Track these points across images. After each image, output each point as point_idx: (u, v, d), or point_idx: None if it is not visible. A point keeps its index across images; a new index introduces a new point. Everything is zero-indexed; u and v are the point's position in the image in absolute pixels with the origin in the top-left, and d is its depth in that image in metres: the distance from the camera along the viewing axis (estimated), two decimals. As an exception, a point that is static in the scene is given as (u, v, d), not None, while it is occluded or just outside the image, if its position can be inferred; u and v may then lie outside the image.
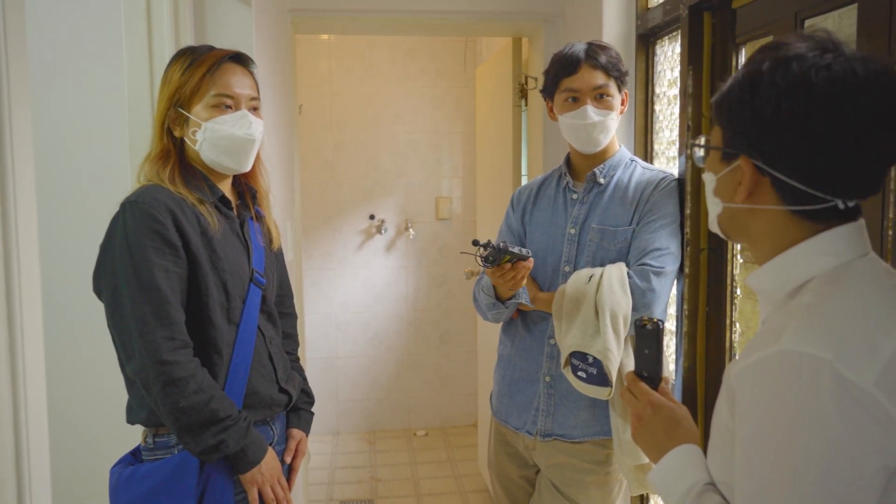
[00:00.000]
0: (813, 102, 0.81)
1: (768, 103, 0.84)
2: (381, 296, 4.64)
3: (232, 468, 1.46)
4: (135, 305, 1.37)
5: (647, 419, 1.06)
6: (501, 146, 3.37)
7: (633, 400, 1.09)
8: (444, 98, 4.62)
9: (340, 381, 4.64)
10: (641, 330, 1.09)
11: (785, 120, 0.83)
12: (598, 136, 1.84)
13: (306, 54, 4.41)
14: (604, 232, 1.83)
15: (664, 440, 1.03)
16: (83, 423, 1.88)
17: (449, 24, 3.07)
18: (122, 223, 1.40)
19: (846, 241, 0.87)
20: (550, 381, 1.86)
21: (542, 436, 1.87)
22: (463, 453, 4.31)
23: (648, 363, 1.10)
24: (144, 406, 1.45)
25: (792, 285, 0.88)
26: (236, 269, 1.52)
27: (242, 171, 1.57)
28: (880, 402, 0.73)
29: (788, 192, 0.86)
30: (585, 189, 1.90)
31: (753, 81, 0.86)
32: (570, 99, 1.84)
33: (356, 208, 4.57)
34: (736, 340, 1.96)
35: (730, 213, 0.95)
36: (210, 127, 1.49)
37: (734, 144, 0.90)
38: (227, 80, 1.52)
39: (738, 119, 0.88)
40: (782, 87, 0.83)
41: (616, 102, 1.86)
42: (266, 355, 1.58)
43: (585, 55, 1.82)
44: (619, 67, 1.85)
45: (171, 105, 1.50)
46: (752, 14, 1.81)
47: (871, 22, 1.38)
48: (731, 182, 0.92)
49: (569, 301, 1.75)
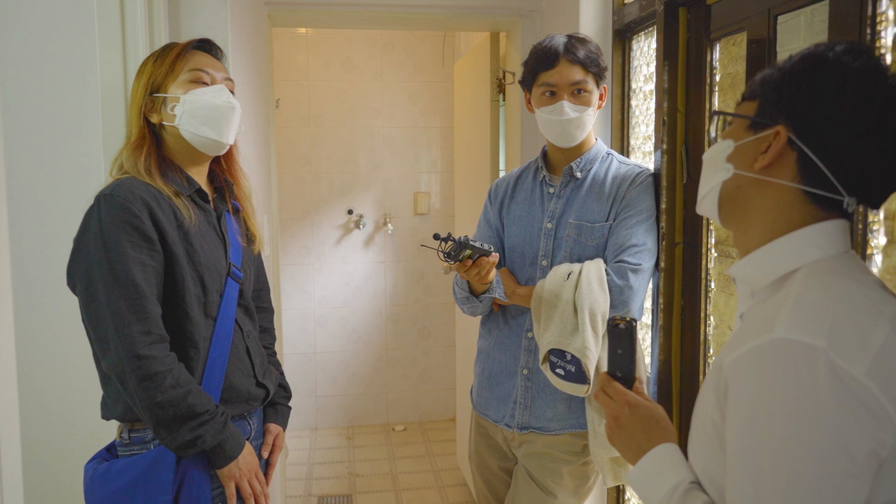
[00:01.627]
0: (877, 94, 0.84)
1: (832, 79, 0.85)
2: (359, 291, 4.63)
3: (209, 463, 1.45)
4: (110, 299, 1.35)
5: (624, 420, 1.04)
6: (479, 141, 3.38)
7: (608, 401, 1.07)
8: (422, 92, 4.61)
9: (318, 377, 4.63)
10: (615, 330, 1.07)
11: (842, 101, 0.84)
12: (574, 132, 1.84)
13: (283, 48, 4.38)
14: (581, 227, 1.84)
15: (642, 440, 1.01)
16: (57, 419, 1.86)
17: (427, 19, 3.06)
18: (97, 216, 1.38)
19: (833, 237, 0.88)
20: (528, 374, 1.88)
21: (519, 428, 1.88)
22: (441, 448, 4.32)
23: (622, 363, 1.08)
24: (120, 401, 1.43)
25: (777, 274, 0.89)
26: (213, 263, 1.51)
27: (224, 143, 1.54)
28: (872, 390, 0.74)
29: (809, 172, 0.87)
30: (562, 183, 1.91)
31: (820, 57, 0.87)
32: (547, 93, 1.84)
33: (334, 203, 4.56)
34: (710, 334, 1.98)
35: (737, 183, 0.94)
36: (189, 98, 1.48)
37: (771, 115, 0.90)
38: (200, 60, 1.54)
39: (789, 89, 0.88)
40: (851, 70, 0.85)
41: (593, 98, 1.85)
42: (243, 349, 1.58)
43: (564, 49, 1.81)
44: (598, 63, 1.84)
45: (146, 93, 1.50)
46: (726, 10, 1.83)
47: (842, 18, 1.40)
48: (752, 150, 0.92)
49: (547, 298, 1.76)
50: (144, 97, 1.50)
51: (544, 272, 1.86)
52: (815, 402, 0.75)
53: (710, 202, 0.99)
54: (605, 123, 2.42)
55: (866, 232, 1.39)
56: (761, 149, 0.90)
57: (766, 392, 0.78)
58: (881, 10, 1.35)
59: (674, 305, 2.02)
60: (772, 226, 0.91)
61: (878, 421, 0.74)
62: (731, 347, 0.86)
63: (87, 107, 1.85)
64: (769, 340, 0.79)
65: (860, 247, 1.39)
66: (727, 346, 0.92)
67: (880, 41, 1.35)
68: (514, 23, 2.97)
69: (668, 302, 2.02)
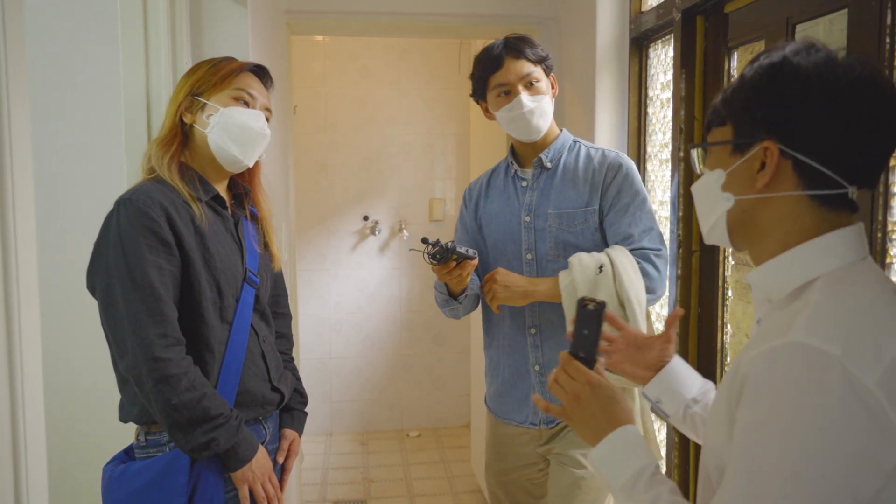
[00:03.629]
0: (839, 82, 0.84)
1: (794, 85, 0.85)
2: (374, 297, 4.64)
3: (223, 466, 1.46)
4: (128, 302, 1.37)
5: (584, 398, 1.04)
6: (495, 147, 3.39)
7: (568, 380, 1.06)
8: (438, 99, 4.63)
9: (333, 382, 4.65)
10: (584, 310, 1.07)
11: (813, 100, 0.84)
12: (538, 122, 1.85)
13: (300, 55, 4.41)
14: (561, 216, 1.85)
15: (602, 421, 1.02)
16: (77, 421, 1.88)
17: (443, 27, 3.08)
18: (116, 221, 1.41)
19: (850, 243, 0.88)
20: (540, 370, 1.88)
21: (546, 423, 1.89)
22: (455, 454, 4.32)
23: (586, 343, 1.07)
24: (137, 404, 1.45)
25: (796, 284, 0.88)
26: (229, 267, 1.53)
27: (244, 164, 1.57)
28: (881, 402, 0.74)
29: (809, 176, 0.87)
30: (534, 175, 1.91)
31: (773, 69, 0.87)
32: (502, 93, 1.86)
33: (350, 209, 4.58)
34: (727, 342, 1.97)
35: (742, 207, 0.93)
36: (227, 112, 1.52)
37: (750, 134, 0.90)
38: (249, 82, 1.58)
39: (759, 105, 0.88)
40: (808, 69, 0.85)
41: (545, 87, 1.87)
42: (259, 354, 1.59)
43: (505, 49, 1.84)
44: (539, 53, 1.86)
45: (189, 93, 1.54)
46: (745, 19, 1.83)
47: (860, 27, 1.40)
48: (746, 173, 0.91)
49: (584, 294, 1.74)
50: (186, 96, 1.54)
51: (530, 265, 1.87)
52: (824, 407, 0.75)
53: (718, 233, 0.99)
54: (622, 130, 2.42)
55: (885, 240, 1.38)
56: (755, 168, 0.90)
57: (777, 392, 0.78)
58: (900, 18, 1.34)
59: (690, 313, 2.02)
60: (786, 237, 0.90)
61: (883, 434, 0.74)
62: (749, 349, 0.86)
63: (110, 115, 1.87)
64: (784, 343, 0.79)
65: (879, 255, 1.38)
66: (745, 348, 0.92)
67: (899, 50, 1.35)
68: (531, 31, 2.97)
69: (685, 309, 2.02)
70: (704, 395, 1.22)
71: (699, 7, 1.94)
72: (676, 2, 2.02)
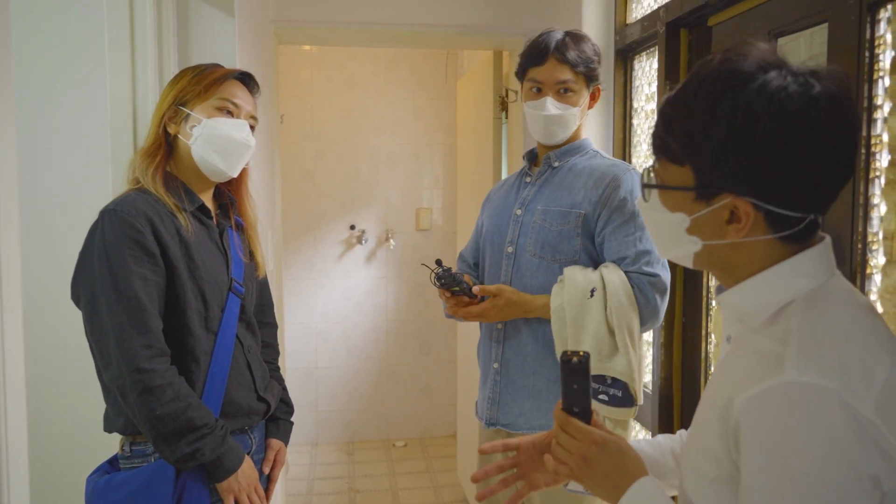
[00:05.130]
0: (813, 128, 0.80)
1: (769, 142, 0.81)
2: (361, 306, 4.64)
3: (208, 476, 1.45)
4: (112, 313, 1.37)
5: (593, 459, 0.99)
6: (482, 158, 3.40)
7: (571, 441, 1.01)
8: (426, 109, 4.64)
9: (320, 392, 4.63)
10: (568, 364, 1.00)
11: (788, 155, 0.81)
12: (556, 130, 1.82)
13: (287, 64, 4.42)
14: (547, 213, 1.81)
15: (617, 477, 0.98)
16: (60, 432, 1.86)
17: (430, 37, 3.09)
18: (101, 231, 1.40)
19: (819, 262, 0.88)
20: (498, 368, 1.85)
21: (487, 424, 1.86)
22: (442, 464, 4.31)
23: (578, 398, 1.02)
24: (121, 414, 1.44)
25: (772, 308, 0.88)
26: (214, 277, 1.52)
27: (228, 175, 1.56)
28: (881, 429, 0.75)
29: (780, 222, 0.86)
30: (539, 172, 1.89)
31: (742, 120, 0.82)
32: (534, 89, 1.84)
33: (337, 218, 4.58)
34: (711, 351, 1.99)
35: (710, 250, 0.91)
36: (210, 124, 1.51)
37: (716, 184, 0.86)
38: (234, 90, 1.56)
39: (729, 162, 0.84)
40: (780, 118, 0.80)
41: (580, 98, 1.82)
42: (244, 364, 1.58)
43: (555, 47, 1.79)
44: (589, 63, 1.81)
45: (173, 103, 1.53)
46: (727, 31, 1.86)
47: (841, 41, 1.42)
48: (714, 221, 0.88)
49: (572, 317, 1.70)
50: (171, 106, 1.53)
51: (509, 259, 1.84)
52: (833, 440, 0.75)
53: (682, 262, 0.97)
54: (608, 141, 2.44)
55: (866, 251, 1.40)
56: (723, 217, 0.87)
57: (783, 434, 0.77)
58: (879, 33, 1.37)
59: (675, 322, 2.03)
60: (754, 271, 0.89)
61: (885, 457, 0.75)
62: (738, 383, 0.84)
63: (96, 124, 1.87)
64: (781, 383, 0.78)
65: (860, 266, 1.40)
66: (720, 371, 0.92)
67: (878, 64, 1.37)
68: (517, 42, 2.99)
69: (669, 319, 2.03)
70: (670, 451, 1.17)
71: (683, 20, 1.97)
72: (661, 14, 2.04)
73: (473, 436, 3.17)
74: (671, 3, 2.00)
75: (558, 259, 1.78)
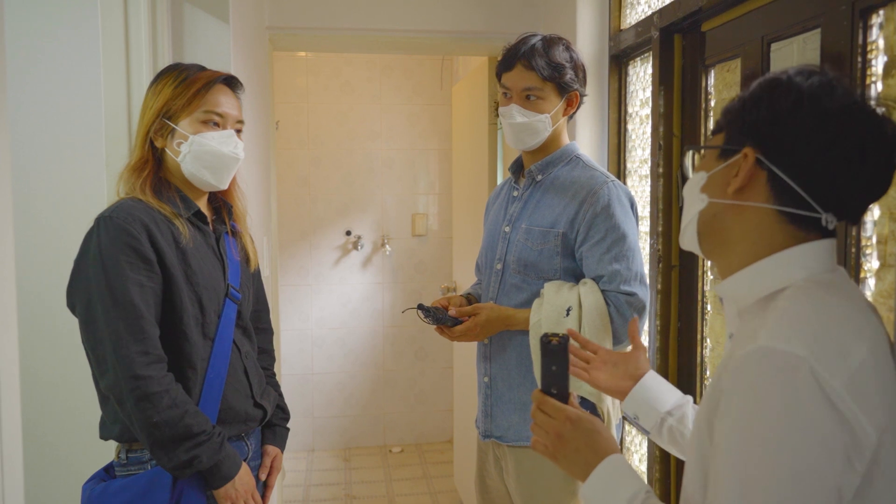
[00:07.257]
0: (833, 107, 0.85)
1: (788, 98, 0.86)
2: (357, 312, 4.63)
3: (205, 483, 1.45)
4: (108, 320, 1.36)
5: (567, 435, 1.03)
6: (477, 163, 3.41)
7: (546, 419, 1.05)
8: (421, 115, 4.65)
9: (316, 398, 4.62)
10: (548, 346, 1.04)
11: (801, 117, 0.85)
12: (524, 137, 1.80)
13: (283, 70, 4.42)
14: (529, 232, 1.80)
15: (588, 454, 1.01)
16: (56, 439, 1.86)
17: (425, 44, 3.10)
18: (97, 238, 1.40)
19: (819, 257, 0.89)
20: (488, 381, 1.87)
21: (483, 436, 1.89)
22: (438, 470, 4.30)
23: (556, 380, 1.05)
24: (118, 421, 1.44)
25: (765, 292, 0.89)
26: (211, 283, 1.52)
27: (220, 188, 1.58)
28: (849, 404, 0.76)
29: (781, 192, 0.88)
30: (524, 186, 1.88)
31: (774, 81, 0.89)
32: (504, 94, 1.82)
33: (332, 224, 4.58)
34: (707, 356, 1.99)
35: (713, 211, 0.95)
36: (197, 140, 1.50)
37: (738, 140, 0.91)
38: (218, 99, 1.54)
39: (749, 113, 0.90)
40: (805, 88, 0.86)
41: (548, 105, 1.77)
42: (241, 370, 1.58)
43: (523, 54, 1.76)
44: (559, 70, 1.75)
45: (158, 116, 1.51)
46: (721, 37, 1.86)
47: (833, 46, 1.43)
48: (724, 177, 0.93)
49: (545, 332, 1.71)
50: (156, 119, 1.51)
51: (497, 275, 1.85)
52: (799, 407, 0.76)
53: (690, 234, 1.00)
54: (602, 146, 2.45)
55: (860, 255, 1.41)
56: (732, 174, 0.91)
57: (752, 398, 0.79)
58: (871, 38, 1.38)
59: (670, 327, 2.04)
60: (753, 249, 0.91)
61: (852, 434, 0.76)
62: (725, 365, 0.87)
63: (91, 131, 1.87)
64: (753, 349, 0.80)
65: (853, 270, 1.40)
66: (720, 365, 0.93)
67: (871, 69, 1.38)
68: (512, 47, 3.00)
69: (665, 324, 2.04)
70: (680, 408, 1.22)
71: (677, 25, 1.97)
72: (655, 20, 2.05)
73: (470, 442, 3.17)
74: (665, 8, 2.01)
75: (541, 277, 1.78)
